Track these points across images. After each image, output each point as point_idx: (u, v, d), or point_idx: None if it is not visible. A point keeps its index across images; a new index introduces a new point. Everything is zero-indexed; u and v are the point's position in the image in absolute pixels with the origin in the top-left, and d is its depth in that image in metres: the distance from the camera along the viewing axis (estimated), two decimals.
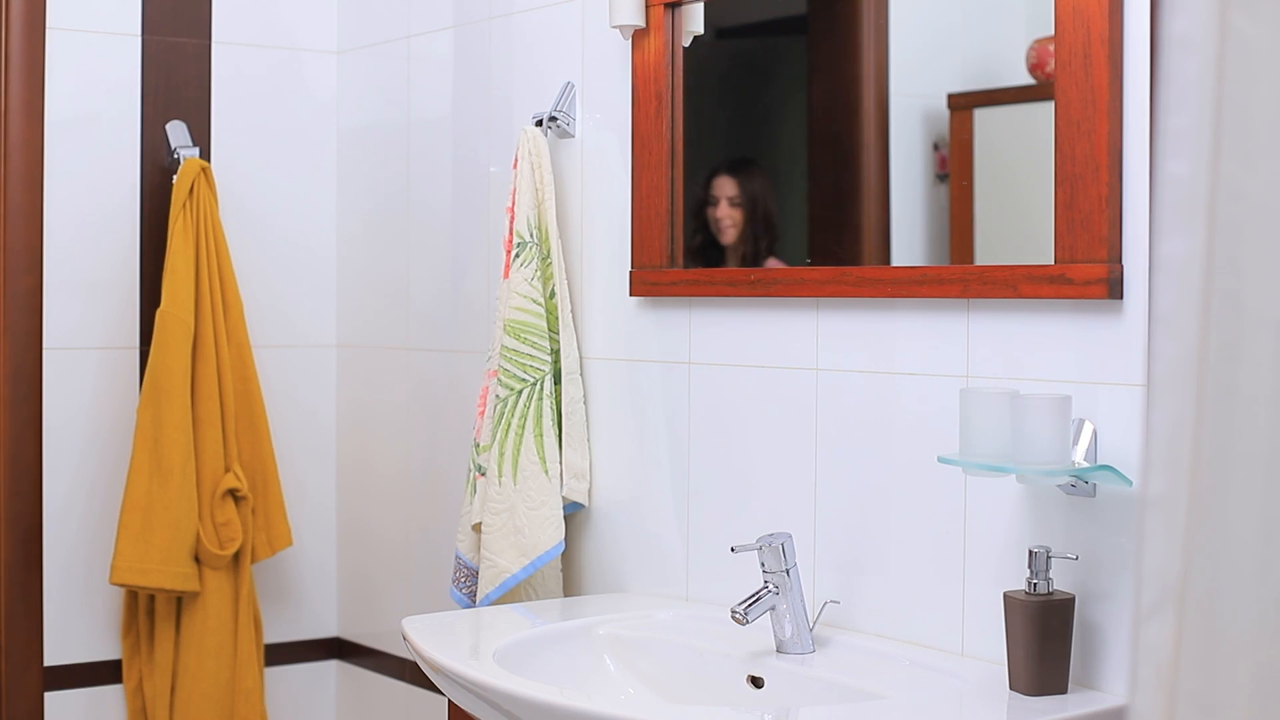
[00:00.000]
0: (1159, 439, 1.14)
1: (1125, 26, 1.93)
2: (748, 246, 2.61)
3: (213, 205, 3.11)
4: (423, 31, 3.14)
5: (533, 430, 2.63)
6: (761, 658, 2.20)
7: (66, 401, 3.07)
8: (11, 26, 2.99)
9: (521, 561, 2.61)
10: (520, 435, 2.63)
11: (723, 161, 2.63)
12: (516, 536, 2.62)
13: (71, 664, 3.09)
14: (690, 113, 2.55)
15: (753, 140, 2.66)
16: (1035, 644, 1.92)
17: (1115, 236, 1.93)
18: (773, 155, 2.65)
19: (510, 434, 2.63)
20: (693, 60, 2.55)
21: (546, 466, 2.62)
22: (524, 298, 2.65)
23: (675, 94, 2.54)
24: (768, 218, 2.62)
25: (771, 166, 2.65)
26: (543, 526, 2.61)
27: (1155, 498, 1.14)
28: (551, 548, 2.61)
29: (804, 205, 2.57)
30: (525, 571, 2.61)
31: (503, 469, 2.64)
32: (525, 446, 2.63)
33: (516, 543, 2.62)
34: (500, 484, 2.64)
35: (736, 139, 2.69)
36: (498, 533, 2.63)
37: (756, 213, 2.61)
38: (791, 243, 2.57)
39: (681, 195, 2.54)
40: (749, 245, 2.61)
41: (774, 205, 2.63)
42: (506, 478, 2.63)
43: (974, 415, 1.96)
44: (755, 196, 2.62)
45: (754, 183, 2.63)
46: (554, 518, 2.61)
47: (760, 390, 2.40)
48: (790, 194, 2.60)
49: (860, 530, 2.25)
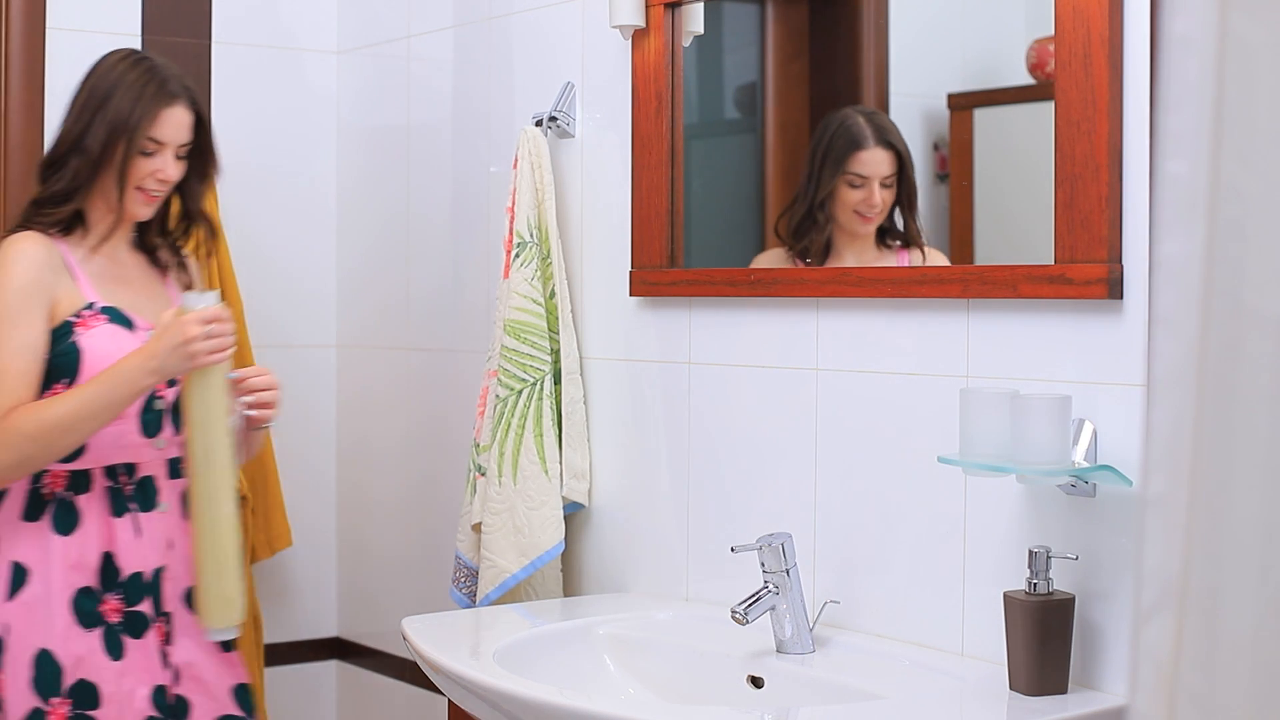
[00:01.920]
0: (1159, 439, 1.14)
1: (1125, 26, 1.93)
2: (909, 232, 2.37)
3: (213, 205, 3.11)
4: (423, 31, 3.14)
5: (533, 430, 2.63)
6: (761, 658, 2.20)
7: None
8: (11, 26, 2.99)
9: (521, 561, 2.61)
10: (520, 435, 2.63)
11: (863, 132, 2.41)
12: (516, 536, 2.62)
13: None
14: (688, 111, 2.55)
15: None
16: (1035, 644, 1.92)
17: (1115, 236, 1.93)
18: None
19: (510, 434, 2.63)
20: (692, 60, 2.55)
21: (546, 466, 2.62)
22: (524, 298, 2.65)
23: (675, 94, 2.54)
24: (912, 197, 2.38)
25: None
26: (543, 527, 2.61)
27: (1155, 498, 1.14)
28: (551, 548, 2.61)
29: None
30: (525, 571, 2.61)
31: (502, 469, 2.64)
32: (525, 446, 2.63)
33: (516, 543, 2.62)
34: (500, 484, 2.64)
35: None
36: (498, 533, 2.63)
37: (902, 193, 2.38)
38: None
39: (682, 195, 2.54)
40: (906, 229, 2.37)
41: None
42: (506, 478, 2.63)
43: (974, 415, 1.96)
44: (908, 167, 2.37)
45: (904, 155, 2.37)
46: (554, 518, 2.61)
47: (760, 390, 2.40)
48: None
49: (860, 530, 2.25)
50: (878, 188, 2.34)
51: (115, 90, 2.36)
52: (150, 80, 2.37)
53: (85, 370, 2.31)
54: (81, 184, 2.38)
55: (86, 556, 2.33)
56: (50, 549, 2.32)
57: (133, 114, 2.35)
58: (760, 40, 2.62)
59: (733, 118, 2.71)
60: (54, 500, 2.33)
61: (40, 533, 2.32)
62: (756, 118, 2.64)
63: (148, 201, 2.40)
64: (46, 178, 2.41)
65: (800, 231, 2.41)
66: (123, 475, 2.36)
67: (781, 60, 2.59)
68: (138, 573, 2.36)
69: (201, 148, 2.45)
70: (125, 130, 2.34)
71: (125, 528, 2.35)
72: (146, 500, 2.38)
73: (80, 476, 2.34)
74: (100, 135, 2.35)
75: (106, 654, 2.32)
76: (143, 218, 2.43)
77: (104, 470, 2.35)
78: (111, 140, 2.35)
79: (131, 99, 2.35)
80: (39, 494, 2.33)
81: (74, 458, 2.31)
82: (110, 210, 2.40)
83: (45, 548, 2.32)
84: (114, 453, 2.34)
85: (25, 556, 2.31)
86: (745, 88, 2.70)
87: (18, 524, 2.32)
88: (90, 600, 2.32)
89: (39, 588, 2.31)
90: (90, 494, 2.34)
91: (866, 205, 2.35)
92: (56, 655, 2.29)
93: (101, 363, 2.31)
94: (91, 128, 2.36)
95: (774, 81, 2.60)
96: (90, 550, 2.33)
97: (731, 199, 2.67)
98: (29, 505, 2.33)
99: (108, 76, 2.38)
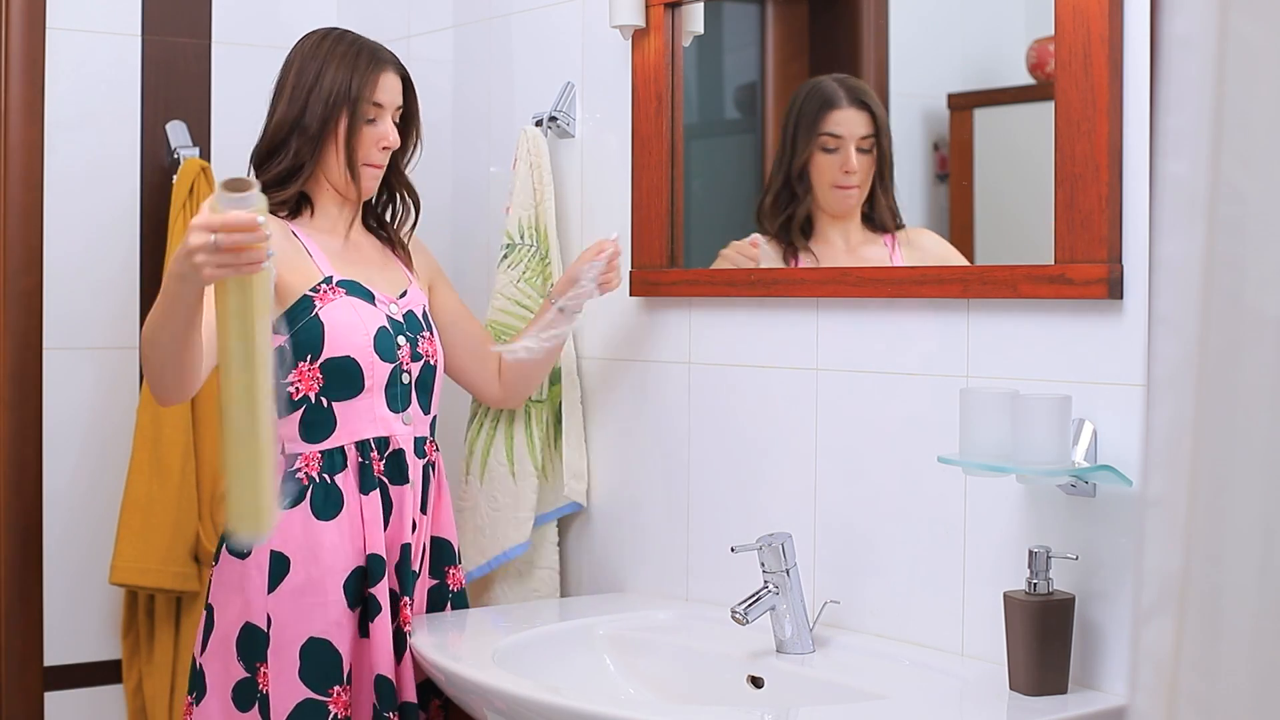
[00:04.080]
0: (1159, 439, 1.14)
1: (1125, 26, 1.93)
2: (878, 212, 2.30)
3: None
4: (423, 31, 3.14)
5: (504, 432, 2.64)
6: (761, 658, 2.20)
7: (66, 401, 3.07)
8: (11, 26, 2.99)
9: (479, 560, 2.63)
10: (491, 436, 2.66)
11: (831, 89, 2.34)
12: (477, 535, 2.64)
13: (71, 664, 3.09)
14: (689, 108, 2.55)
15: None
16: (1035, 644, 1.92)
17: (1115, 236, 1.93)
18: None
19: (482, 434, 2.66)
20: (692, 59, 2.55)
21: (515, 468, 2.63)
22: (506, 299, 2.66)
23: (675, 94, 2.54)
24: (887, 169, 2.27)
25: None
26: (504, 528, 2.62)
27: (1155, 498, 1.14)
28: (509, 549, 2.62)
29: None
30: (480, 570, 2.63)
31: (470, 467, 2.67)
32: (495, 447, 2.65)
33: (476, 541, 2.64)
34: (467, 482, 2.67)
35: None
36: (460, 530, 2.64)
37: (884, 160, 2.28)
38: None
39: (682, 195, 2.54)
40: (877, 209, 2.30)
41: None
42: (474, 476, 2.66)
43: (974, 415, 1.96)
44: (884, 134, 2.28)
45: (881, 116, 2.28)
46: (516, 519, 2.62)
47: (760, 390, 2.40)
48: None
49: (860, 530, 2.25)
50: (854, 151, 2.30)
51: (326, 65, 2.40)
52: (360, 50, 2.43)
53: (329, 344, 2.31)
54: (304, 162, 2.39)
55: (354, 538, 2.31)
56: (314, 534, 2.30)
57: (351, 83, 2.39)
58: (760, 40, 2.62)
59: (733, 118, 2.71)
60: (311, 484, 2.31)
61: (302, 519, 2.29)
62: (756, 118, 2.64)
63: (374, 173, 2.43)
64: (265, 165, 2.42)
65: (778, 205, 2.38)
66: (374, 451, 2.35)
67: (781, 60, 2.59)
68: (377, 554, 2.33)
69: (411, 113, 2.49)
70: (347, 100, 2.38)
71: (373, 504, 2.33)
72: (399, 475, 2.37)
73: (333, 455, 2.32)
74: (319, 111, 2.38)
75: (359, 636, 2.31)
76: (370, 192, 2.45)
77: (356, 445, 2.33)
78: (332, 113, 2.38)
79: (347, 69, 2.39)
80: (294, 478, 2.31)
81: (324, 437, 2.31)
82: (336, 189, 2.42)
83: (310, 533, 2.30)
84: (364, 427, 2.33)
85: (284, 545, 2.29)
86: (745, 88, 2.70)
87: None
88: (357, 581, 2.30)
89: (300, 576, 2.27)
90: (345, 472, 2.32)
91: (843, 172, 2.30)
92: (334, 643, 2.27)
93: (344, 336, 2.31)
94: (309, 106, 2.39)
95: (774, 81, 2.60)
96: (355, 531, 2.31)
97: (731, 199, 2.67)
98: (286, 492, 2.30)
99: (315, 55, 2.42)
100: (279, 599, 2.27)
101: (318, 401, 2.32)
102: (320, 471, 2.32)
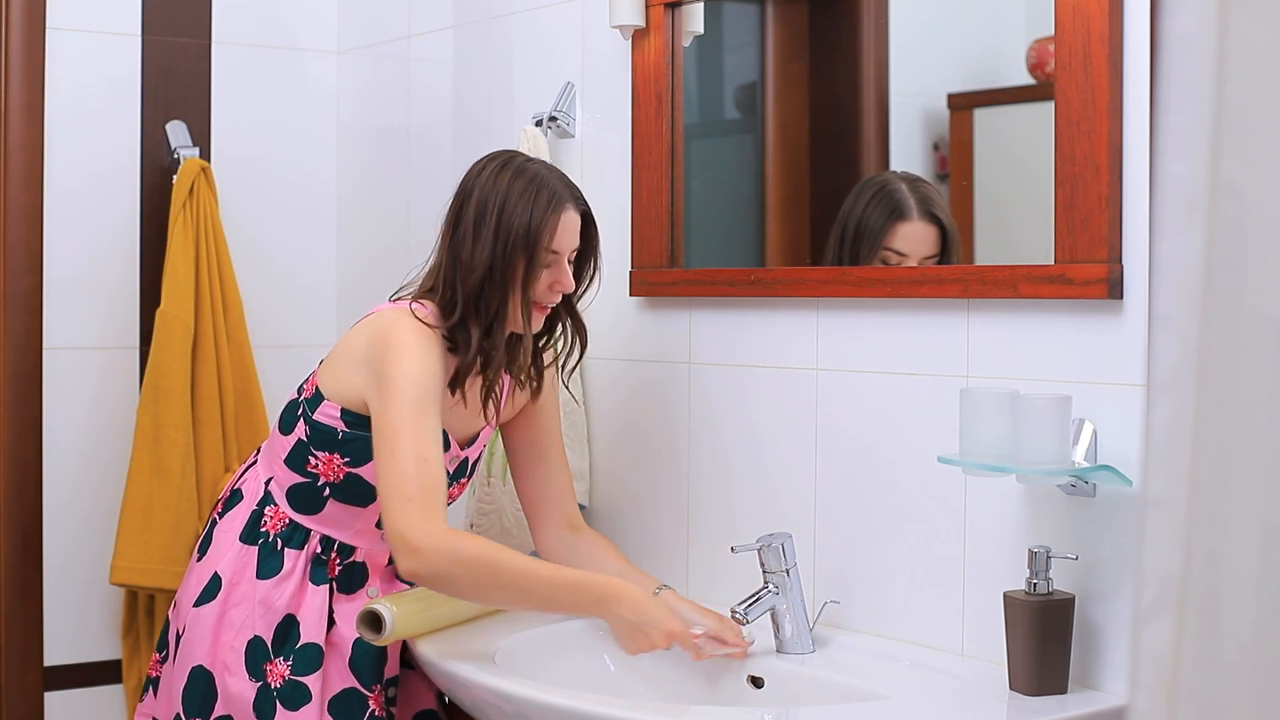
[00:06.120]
0: (1159, 439, 1.14)
1: (1125, 26, 1.93)
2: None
3: (213, 205, 3.11)
4: (423, 31, 3.14)
5: None
6: (761, 658, 2.20)
7: (66, 401, 3.07)
8: (11, 26, 2.99)
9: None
10: None
11: (903, 202, 2.23)
12: (504, 537, 2.63)
13: (71, 664, 3.09)
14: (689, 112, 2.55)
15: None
16: (1035, 644, 1.92)
17: (1115, 236, 1.93)
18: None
19: (499, 435, 2.64)
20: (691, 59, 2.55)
21: None
22: None
23: (675, 94, 2.54)
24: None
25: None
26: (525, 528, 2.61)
27: (1155, 498, 1.14)
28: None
29: (805, 205, 2.57)
30: None
31: (491, 468, 2.65)
32: (498, 450, 2.64)
33: (505, 542, 2.62)
34: (489, 484, 2.65)
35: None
36: (487, 533, 2.63)
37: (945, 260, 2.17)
38: (792, 242, 2.57)
39: (682, 195, 2.54)
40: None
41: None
42: (495, 477, 2.65)
43: (974, 415, 1.96)
44: (953, 250, 2.14)
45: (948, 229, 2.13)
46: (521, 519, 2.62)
47: (760, 390, 2.40)
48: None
49: (860, 530, 2.25)
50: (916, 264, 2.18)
51: (505, 205, 2.21)
52: (540, 189, 2.22)
53: (369, 471, 2.21)
54: (495, 312, 2.21)
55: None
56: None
57: (529, 226, 2.19)
58: (760, 40, 2.62)
59: (733, 118, 2.71)
60: (264, 538, 2.30)
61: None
62: (756, 118, 2.64)
63: (543, 315, 2.28)
64: (449, 297, 2.24)
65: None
66: (335, 553, 2.30)
67: (781, 60, 2.59)
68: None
69: (589, 250, 2.30)
70: (525, 247, 2.19)
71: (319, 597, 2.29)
72: (348, 585, 2.31)
73: (300, 531, 2.29)
74: (501, 254, 2.20)
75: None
76: (536, 328, 2.28)
77: (320, 538, 2.29)
78: (510, 259, 2.20)
79: (526, 208, 2.20)
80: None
81: (305, 514, 2.28)
82: (495, 327, 2.23)
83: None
84: (341, 531, 2.30)
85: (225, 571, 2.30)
86: (745, 88, 2.70)
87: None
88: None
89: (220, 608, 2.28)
90: (301, 552, 2.29)
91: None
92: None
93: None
94: (494, 251, 2.20)
95: (774, 81, 2.60)
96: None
97: (731, 199, 2.68)
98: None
99: (490, 191, 2.23)
100: (198, 616, 2.28)
101: (322, 488, 2.27)
102: (279, 533, 2.29)
